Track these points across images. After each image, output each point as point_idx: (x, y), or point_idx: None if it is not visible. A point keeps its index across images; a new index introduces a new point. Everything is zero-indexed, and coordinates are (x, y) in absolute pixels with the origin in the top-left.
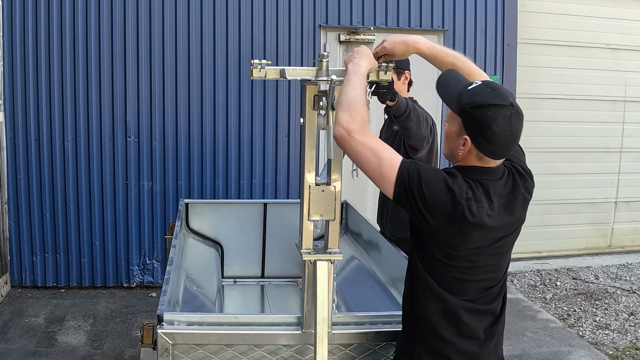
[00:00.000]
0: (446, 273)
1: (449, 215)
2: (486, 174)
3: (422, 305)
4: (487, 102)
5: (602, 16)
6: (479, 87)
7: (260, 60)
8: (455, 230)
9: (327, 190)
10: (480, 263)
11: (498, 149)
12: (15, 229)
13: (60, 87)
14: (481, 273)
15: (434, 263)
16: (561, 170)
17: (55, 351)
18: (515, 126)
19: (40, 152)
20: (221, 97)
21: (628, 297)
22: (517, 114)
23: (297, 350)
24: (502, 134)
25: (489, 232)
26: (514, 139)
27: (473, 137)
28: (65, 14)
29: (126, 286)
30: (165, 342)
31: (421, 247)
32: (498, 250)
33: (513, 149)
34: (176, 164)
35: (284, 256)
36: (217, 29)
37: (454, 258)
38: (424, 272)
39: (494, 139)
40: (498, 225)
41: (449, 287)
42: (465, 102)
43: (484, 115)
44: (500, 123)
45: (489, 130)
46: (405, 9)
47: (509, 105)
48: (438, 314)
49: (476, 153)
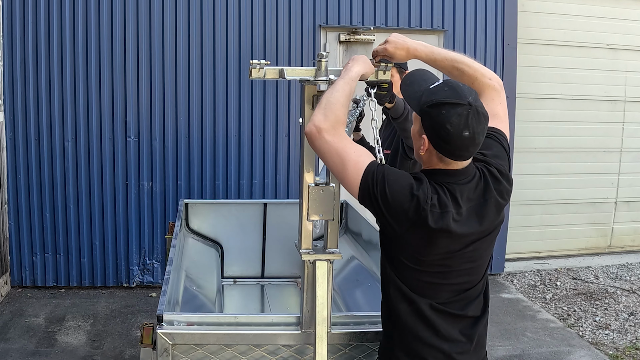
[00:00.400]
0: (416, 277)
1: (413, 222)
2: (452, 176)
3: (395, 308)
4: (442, 101)
5: (602, 16)
6: (439, 85)
7: (259, 61)
8: (420, 237)
9: (326, 190)
10: (453, 267)
11: (456, 150)
12: (15, 229)
13: (60, 87)
14: (455, 277)
15: (402, 267)
16: (561, 170)
17: (55, 351)
18: (473, 126)
19: (40, 152)
20: (221, 97)
21: (628, 297)
22: (476, 113)
23: (296, 350)
24: (457, 133)
25: (457, 237)
26: (471, 139)
27: (430, 137)
28: (65, 14)
29: (126, 286)
30: (164, 342)
31: (389, 252)
32: (471, 254)
33: (473, 150)
34: (176, 164)
35: (284, 256)
36: (217, 29)
37: (423, 263)
38: (394, 276)
39: (449, 139)
40: (466, 230)
41: (420, 291)
42: (424, 101)
43: (439, 113)
44: (454, 122)
45: (443, 129)
46: (405, 9)
47: (466, 104)
48: (412, 316)
49: (436, 154)
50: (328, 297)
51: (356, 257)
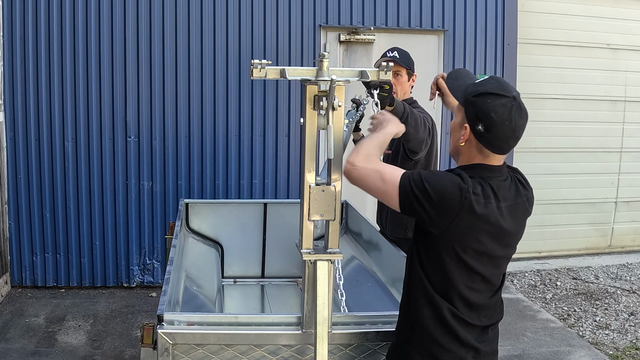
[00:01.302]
0: (446, 278)
1: (457, 212)
2: (490, 171)
3: (418, 312)
4: (488, 91)
5: (602, 16)
6: (485, 79)
7: (260, 60)
8: (465, 225)
9: (327, 190)
10: (481, 271)
11: (496, 140)
12: (15, 229)
13: (60, 87)
14: (479, 282)
15: (436, 268)
16: (561, 170)
17: (55, 351)
18: (515, 119)
19: (40, 152)
20: (221, 97)
21: (628, 297)
22: (519, 108)
23: (297, 350)
24: (500, 123)
25: (498, 230)
26: (512, 131)
27: (472, 125)
28: (65, 14)
29: (126, 286)
30: (165, 342)
31: (427, 251)
32: (497, 259)
33: (513, 144)
34: (176, 164)
35: (284, 256)
36: (217, 29)
37: (458, 263)
38: (424, 279)
39: (492, 127)
40: (505, 226)
41: (446, 294)
42: (469, 91)
43: (484, 102)
44: (498, 111)
45: (487, 118)
46: (405, 9)
47: (511, 97)
48: (434, 321)
49: (476, 144)
50: (329, 297)
51: (356, 257)
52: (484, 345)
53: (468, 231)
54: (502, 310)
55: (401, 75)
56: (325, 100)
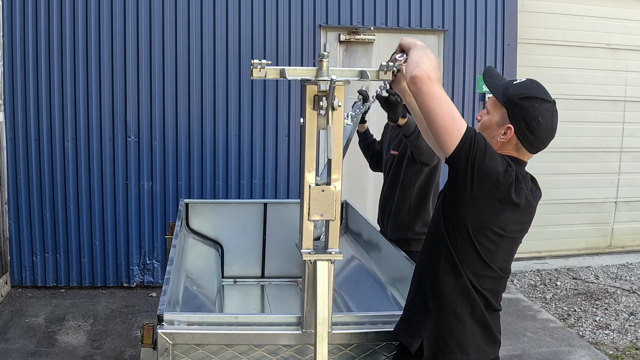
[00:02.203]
0: (470, 249)
1: (497, 187)
2: (521, 165)
3: (442, 280)
4: (535, 95)
5: (602, 16)
6: (525, 82)
7: (260, 60)
8: (497, 202)
9: (327, 190)
10: (502, 246)
11: (537, 142)
12: (15, 229)
13: (60, 87)
14: (499, 261)
15: (462, 236)
16: (561, 170)
17: (55, 351)
18: (555, 123)
19: (40, 152)
20: (221, 97)
21: (628, 297)
22: (557, 112)
23: (297, 350)
24: (545, 126)
25: (520, 214)
26: (552, 134)
27: (517, 127)
28: (65, 14)
29: (126, 286)
30: (165, 342)
31: (456, 216)
32: (514, 243)
33: (547, 144)
34: (176, 164)
35: (284, 256)
36: (217, 29)
37: (482, 234)
38: (448, 245)
39: (537, 131)
40: (528, 211)
41: (468, 265)
42: (512, 93)
43: (531, 106)
44: (545, 116)
45: (535, 121)
46: (405, 9)
47: (552, 102)
48: (455, 290)
49: (515, 143)
50: (328, 297)
51: (356, 257)
52: (497, 329)
53: (496, 209)
54: None
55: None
56: (325, 100)
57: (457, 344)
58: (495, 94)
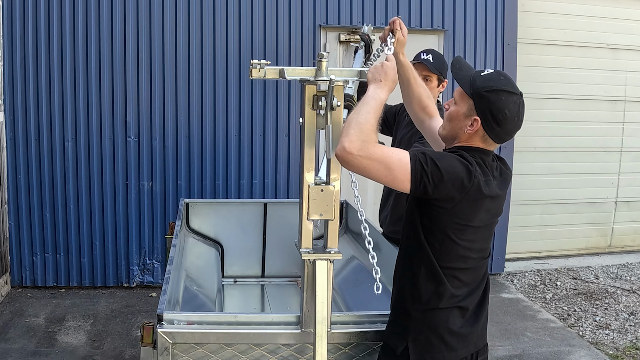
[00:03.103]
0: (451, 249)
1: (467, 190)
2: (486, 155)
3: (419, 285)
4: (502, 88)
5: (602, 16)
6: (493, 74)
7: (259, 60)
8: (470, 203)
9: (326, 190)
10: (479, 235)
11: (504, 133)
12: (15, 229)
13: (60, 87)
14: (477, 248)
15: (442, 242)
16: (561, 170)
17: (55, 351)
18: (522, 115)
19: (40, 152)
20: (221, 97)
21: (628, 297)
22: (523, 104)
23: (296, 350)
24: (511, 119)
25: (493, 205)
26: (518, 126)
27: (484, 119)
28: (65, 14)
29: (126, 286)
30: (165, 341)
31: (431, 226)
32: (490, 229)
33: (513, 135)
34: (176, 164)
35: (284, 256)
36: (217, 29)
37: (462, 233)
38: (429, 252)
39: (504, 123)
40: (498, 199)
41: (449, 264)
42: (479, 85)
43: (498, 99)
44: (511, 108)
45: (501, 114)
46: (405, 9)
47: (519, 94)
48: (436, 296)
49: (482, 135)
50: (328, 297)
51: (356, 257)
52: (478, 320)
53: (472, 208)
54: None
55: (431, 80)
56: (325, 100)
57: (442, 342)
58: (463, 85)
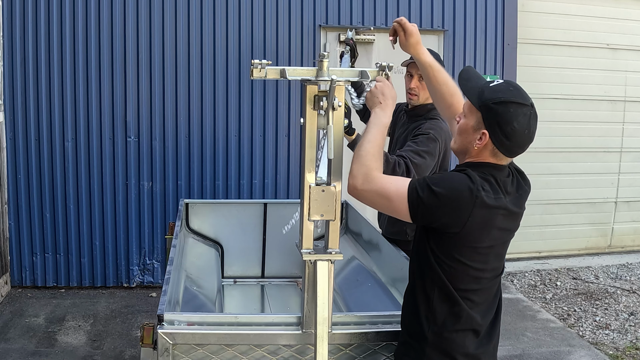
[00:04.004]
0: (463, 272)
1: (470, 211)
2: (499, 171)
3: (434, 308)
4: (510, 100)
5: (602, 16)
6: (502, 85)
7: (260, 60)
8: (478, 223)
9: (327, 190)
10: (492, 253)
11: (514, 147)
12: (15, 229)
13: (60, 87)
14: (490, 268)
15: (454, 265)
16: (561, 170)
17: (55, 351)
18: (533, 126)
19: (40, 152)
20: (221, 97)
21: (628, 297)
22: (535, 115)
23: (297, 350)
24: (521, 132)
25: (505, 223)
26: (530, 139)
27: (492, 132)
28: (65, 14)
29: (126, 286)
30: (165, 342)
31: (442, 249)
32: (503, 246)
33: (526, 149)
34: (176, 164)
35: (284, 256)
36: (217, 29)
37: (476, 253)
38: (441, 275)
39: (513, 136)
40: (512, 217)
41: (462, 286)
42: (487, 97)
43: (506, 111)
44: (521, 121)
45: (510, 127)
46: (405, 9)
47: (529, 105)
48: (452, 317)
49: (491, 149)
50: (329, 297)
51: (356, 257)
52: (490, 339)
53: (481, 229)
54: (501, 306)
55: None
56: (325, 100)
57: None
58: (470, 97)
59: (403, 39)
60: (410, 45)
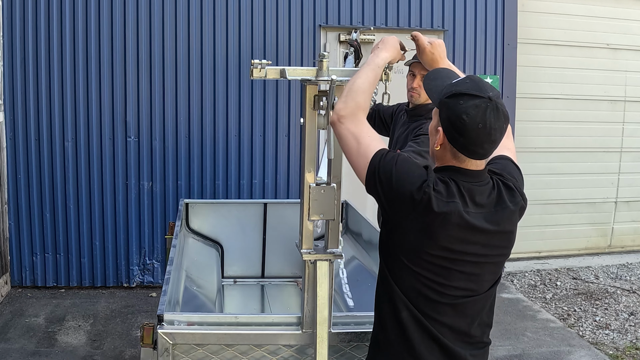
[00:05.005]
0: (413, 280)
1: (414, 205)
2: (465, 175)
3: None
4: (461, 91)
5: (602, 16)
6: (462, 79)
7: (260, 60)
8: (420, 225)
9: (327, 190)
10: (456, 267)
11: (469, 144)
12: (15, 229)
13: (60, 87)
14: (456, 280)
15: (399, 268)
16: (561, 170)
17: (55, 351)
18: (491, 121)
19: (40, 152)
20: (221, 97)
21: (628, 297)
22: (495, 109)
23: (297, 350)
24: (473, 126)
25: (460, 230)
26: (487, 134)
27: (445, 128)
28: (65, 14)
29: (126, 286)
30: (165, 342)
31: (388, 248)
32: (475, 258)
33: (489, 148)
34: (176, 164)
35: (284, 256)
36: (217, 29)
37: (421, 261)
38: (391, 283)
39: (465, 131)
40: (476, 224)
41: (416, 302)
42: (444, 92)
43: (456, 104)
44: (470, 113)
45: (459, 120)
46: (405, 9)
47: (485, 97)
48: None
49: (450, 149)
50: (329, 297)
51: (356, 257)
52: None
53: (426, 229)
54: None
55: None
56: (325, 100)
57: None
58: (431, 96)
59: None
60: (426, 63)
